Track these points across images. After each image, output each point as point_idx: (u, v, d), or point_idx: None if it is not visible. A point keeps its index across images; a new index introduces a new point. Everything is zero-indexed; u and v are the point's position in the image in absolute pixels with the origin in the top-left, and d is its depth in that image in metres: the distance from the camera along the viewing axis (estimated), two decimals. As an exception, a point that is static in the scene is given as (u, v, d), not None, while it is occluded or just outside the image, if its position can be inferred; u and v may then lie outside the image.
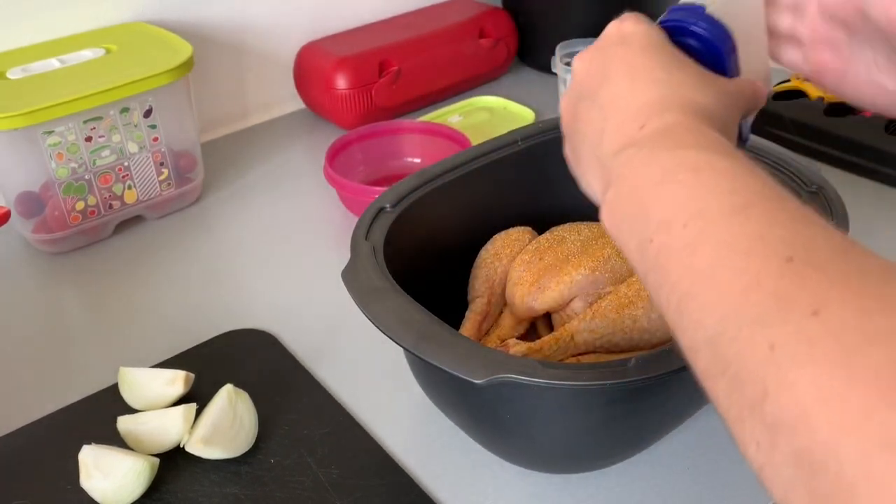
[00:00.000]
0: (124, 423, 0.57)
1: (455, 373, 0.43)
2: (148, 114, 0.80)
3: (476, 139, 0.80)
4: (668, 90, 0.39)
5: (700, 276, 0.30)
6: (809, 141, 0.87)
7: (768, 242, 0.29)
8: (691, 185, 0.33)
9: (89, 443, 0.54)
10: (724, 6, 0.43)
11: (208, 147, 0.97)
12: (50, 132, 0.74)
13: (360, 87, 0.96)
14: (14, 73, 0.77)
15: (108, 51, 0.82)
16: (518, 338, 0.58)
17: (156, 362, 0.64)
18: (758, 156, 0.61)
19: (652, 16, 0.44)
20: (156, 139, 0.81)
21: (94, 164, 0.78)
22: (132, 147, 0.80)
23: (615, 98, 0.40)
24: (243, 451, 0.56)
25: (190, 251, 0.80)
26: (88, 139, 0.77)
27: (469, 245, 0.63)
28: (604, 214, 0.38)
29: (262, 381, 0.62)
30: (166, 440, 0.56)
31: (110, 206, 0.81)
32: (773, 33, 0.47)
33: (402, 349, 0.46)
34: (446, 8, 1.10)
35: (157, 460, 0.54)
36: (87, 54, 0.81)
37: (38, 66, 0.79)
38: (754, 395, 0.26)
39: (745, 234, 0.30)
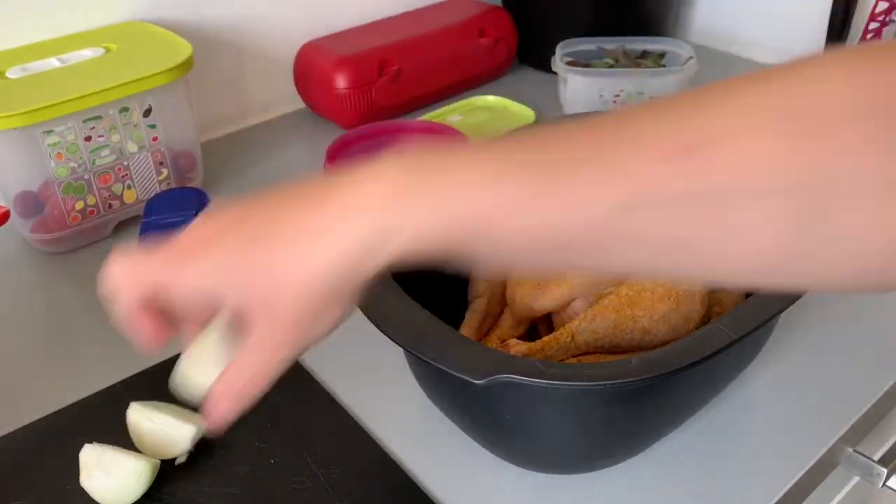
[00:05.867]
0: (135, 412, 0.56)
1: (455, 373, 0.43)
2: (147, 113, 0.79)
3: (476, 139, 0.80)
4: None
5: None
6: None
7: None
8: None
9: (90, 442, 0.54)
10: None
11: (208, 147, 0.97)
12: (49, 132, 0.74)
13: (360, 87, 0.96)
14: (13, 73, 0.77)
15: (107, 50, 0.82)
16: (518, 338, 0.58)
17: (156, 362, 0.64)
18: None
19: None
20: (155, 139, 0.81)
21: (94, 163, 0.78)
22: (132, 147, 0.80)
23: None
24: None
25: (190, 251, 0.80)
26: (88, 139, 0.76)
27: (469, 245, 0.63)
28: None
29: (261, 381, 0.62)
30: (168, 450, 0.55)
31: (110, 206, 0.81)
32: None
33: (402, 349, 0.46)
34: (446, 7, 1.10)
35: (158, 462, 0.54)
36: (86, 53, 0.81)
37: (38, 66, 0.79)
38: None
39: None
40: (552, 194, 0.31)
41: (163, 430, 0.55)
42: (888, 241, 0.29)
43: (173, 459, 0.55)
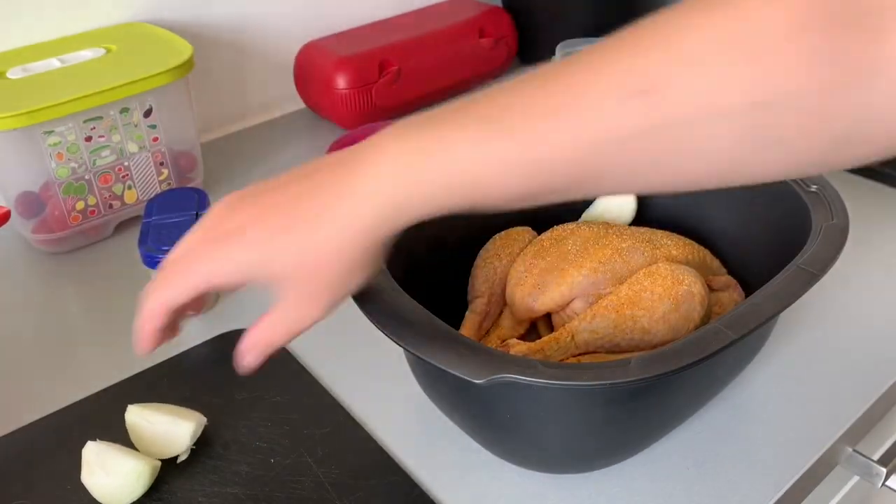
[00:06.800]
0: (133, 414, 0.56)
1: (455, 373, 0.43)
2: (148, 114, 0.80)
3: (476, 139, 0.80)
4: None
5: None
6: (809, 141, 0.87)
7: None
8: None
9: (94, 440, 0.54)
10: None
11: (208, 147, 0.97)
12: (50, 132, 0.74)
13: (360, 87, 0.96)
14: (14, 73, 0.78)
15: (108, 51, 0.82)
16: (518, 338, 0.58)
17: (155, 362, 0.64)
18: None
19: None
20: (156, 139, 0.81)
21: (94, 164, 0.78)
22: (132, 147, 0.80)
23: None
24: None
25: (190, 251, 0.80)
26: (88, 139, 0.77)
27: (469, 245, 0.63)
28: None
29: (262, 381, 0.62)
30: (169, 448, 0.55)
31: (110, 206, 0.81)
32: None
33: (402, 349, 0.46)
34: (446, 8, 1.10)
35: (158, 463, 0.54)
36: (87, 54, 0.81)
37: (39, 66, 0.79)
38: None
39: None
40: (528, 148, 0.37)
41: (162, 429, 0.55)
42: (831, 138, 0.34)
43: (175, 458, 0.56)
